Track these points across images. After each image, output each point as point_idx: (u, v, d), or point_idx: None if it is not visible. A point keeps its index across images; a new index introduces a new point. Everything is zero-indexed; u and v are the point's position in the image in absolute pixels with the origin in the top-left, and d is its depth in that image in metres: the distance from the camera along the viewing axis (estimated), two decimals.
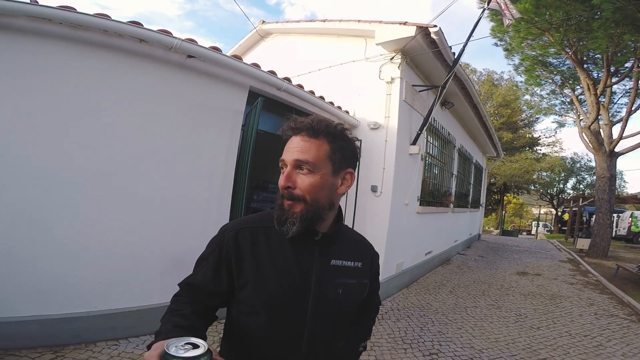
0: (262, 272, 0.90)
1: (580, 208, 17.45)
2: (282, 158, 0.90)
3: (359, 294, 1.02)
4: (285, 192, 0.88)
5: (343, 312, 0.99)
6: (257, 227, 0.96)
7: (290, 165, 0.88)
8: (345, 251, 1.00)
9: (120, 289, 2.93)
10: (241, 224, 0.97)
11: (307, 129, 0.89)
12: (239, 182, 3.65)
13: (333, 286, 0.94)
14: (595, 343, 3.79)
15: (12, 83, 2.49)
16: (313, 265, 0.93)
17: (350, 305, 1.00)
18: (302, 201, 0.87)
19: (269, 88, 3.95)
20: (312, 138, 0.89)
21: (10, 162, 2.48)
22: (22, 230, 2.53)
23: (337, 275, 0.96)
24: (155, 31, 2.93)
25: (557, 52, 10.60)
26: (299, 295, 0.90)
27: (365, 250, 1.09)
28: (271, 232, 0.94)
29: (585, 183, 30.29)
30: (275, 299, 0.89)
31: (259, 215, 1.02)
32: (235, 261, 0.91)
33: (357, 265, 1.01)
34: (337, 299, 0.95)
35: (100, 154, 2.82)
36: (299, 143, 0.88)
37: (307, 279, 0.91)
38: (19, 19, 2.46)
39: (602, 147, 10.96)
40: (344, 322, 1.03)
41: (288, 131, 0.91)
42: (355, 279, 1.00)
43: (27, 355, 2.47)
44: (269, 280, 0.89)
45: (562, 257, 11.02)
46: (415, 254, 6.15)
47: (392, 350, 3.30)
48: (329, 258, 0.96)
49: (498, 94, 24.91)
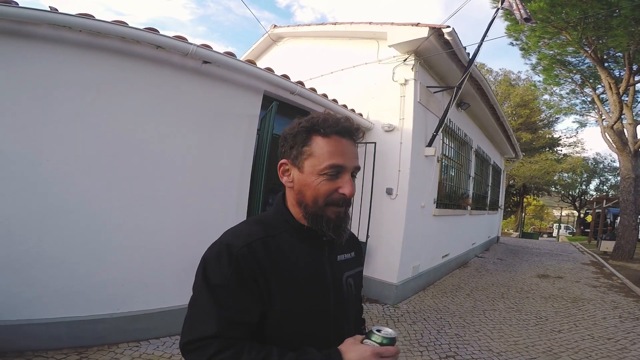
0: (287, 283, 0.84)
1: (604, 210, 16.94)
2: (341, 163, 0.83)
3: (361, 282, 1.09)
4: (348, 199, 0.85)
5: (355, 302, 1.04)
6: (265, 237, 0.87)
7: (349, 171, 0.85)
8: (343, 245, 1.01)
9: (141, 291, 3.01)
10: (247, 237, 0.85)
11: (356, 133, 0.88)
12: (255, 185, 3.70)
13: (345, 280, 0.97)
14: (619, 346, 3.68)
15: (38, 91, 2.59)
16: (326, 265, 0.93)
17: (359, 293, 1.07)
18: (349, 206, 0.89)
19: (282, 92, 4.00)
20: (356, 144, 0.89)
21: (40, 169, 2.59)
22: (51, 234, 2.63)
23: (345, 269, 0.98)
24: (171, 37, 2.99)
25: (575, 50, 10.37)
26: (322, 296, 0.90)
27: (353, 240, 1.11)
28: (279, 240, 0.88)
29: (609, 184, 29.46)
30: (303, 306, 0.86)
31: (253, 224, 0.92)
32: (261, 277, 0.81)
33: (352, 255, 1.05)
34: (350, 291, 0.98)
35: (122, 161, 2.90)
36: (352, 148, 0.87)
37: (324, 280, 0.91)
38: (41, 27, 2.55)
39: (626, 147, 10.64)
40: (357, 310, 1.09)
41: (339, 131, 0.85)
42: (355, 268, 1.04)
43: (53, 357, 2.55)
44: (295, 290, 0.85)
45: (585, 259, 10.71)
46: (432, 257, 6.09)
47: (408, 352, 3.28)
48: (336, 254, 0.97)
49: (515, 94, 24.45)
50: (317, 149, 0.84)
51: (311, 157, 0.84)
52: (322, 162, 0.83)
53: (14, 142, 2.52)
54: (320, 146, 0.84)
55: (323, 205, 0.84)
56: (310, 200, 0.85)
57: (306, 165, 0.85)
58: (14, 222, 2.52)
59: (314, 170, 0.84)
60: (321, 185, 0.83)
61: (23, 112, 2.54)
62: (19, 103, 2.53)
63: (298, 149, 0.86)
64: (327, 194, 0.83)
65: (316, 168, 0.83)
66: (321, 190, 0.83)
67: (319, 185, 0.83)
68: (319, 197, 0.84)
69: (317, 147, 0.84)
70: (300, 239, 0.91)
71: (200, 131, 3.34)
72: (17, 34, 2.50)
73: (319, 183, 0.83)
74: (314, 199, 0.85)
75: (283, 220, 0.92)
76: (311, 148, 0.84)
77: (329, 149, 0.83)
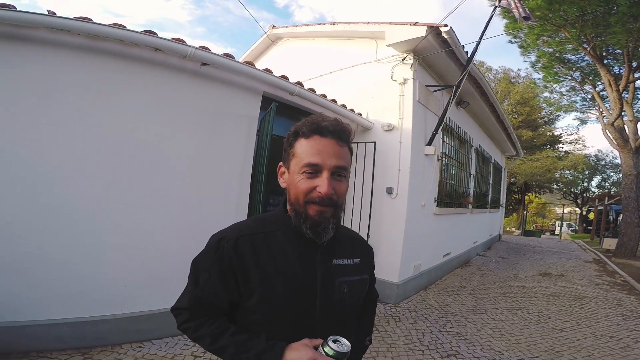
0: (269, 280, 0.88)
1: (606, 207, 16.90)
2: (316, 162, 0.86)
3: (361, 290, 1.04)
4: (327, 199, 0.86)
5: (350, 309, 1.00)
6: (255, 233, 0.93)
7: (328, 170, 0.86)
8: (344, 250, 1.01)
9: (143, 291, 3.03)
10: (239, 232, 0.93)
11: (341, 133, 0.89)
12: (256, 186, 3.72)
13: (338, 285, 0.95)
14: (621, 345, 3.67)
15: (37, 93, 2.61)
16: (317, 267, 0.93)
17: (355, 301, 1.01)
18: (335, 207, 0.89)
19: (281, 93, 4.01)
20: (344, 144, 0.91)
21: (40, 170, 2.61)
22: (53, 236, 2.65)
23: (340, 275, 0.97)
24: (169, 40, 3.00)
25: (574, 48, 10.35)
26: (307, 298, 0.91)
27: (361, 246, 1.10)
28: (269, 238, 0.93)
29: (611, 181, 29.38)
30: (284, 305, 0.89)
31: (253, 221, 1.00)
32: (239, 270, 0.88)
33: (355, 262, 1.02)
34: (343, 298, 0.96)
35: (123, 162, 2.92)
36: (334, 148, 0.88)
37: (312, 282, 0.92)
38: (39, 31, 2.57)
39: (627, 144, 10.62)
40: (352, 319, 1.04)
41: (318, 130, 0.88)
42: (356, 275, 1.01)
43: (57, 357, 2.57)
44: (276, 288, 0.88)
45: (588, 257, 10.68)
46: (433, 256, 6.09)
47: (409, 351, 3.29)
48: (331, 258, 0.97)
49: (515, 91, 24.43)
50: (298, 149, 0.90)
51: (294, 157, 0.90)
52: (301, 161, 0.88)
53: (15, 145, 2.54)
54: (301, 146, 0.89)
55: (303, 202, 0.88)
56: (294, 198, 0.90)
57: (291, 165, 0.91)
58: (17, 224, 2.54)
59: (296, 169, 0.89)
60: (300, 183, 0.88)
61: (23, 115, 2.56)
62: (18, 106, 2.56)
63: (287, 151, 0.93)
64: (306, 191, 0.87)
65: (297, 167, 0.89)
66: (300, 188, 0.88)
67: (299, 183, 0.88)
68: (299, 195, 0.88)
69: (298, 147, 0.90)
70: (292, 238, 0.94)
71: (200, 132, 3.35)
72: (15, 38, 2.52)
73: (299, 181, 0.88)
74: (295, 196, 0.90)
75: (280, 220, 0.96)
76: (295, 149, 0.91)
77: (307, 148, 0.88)
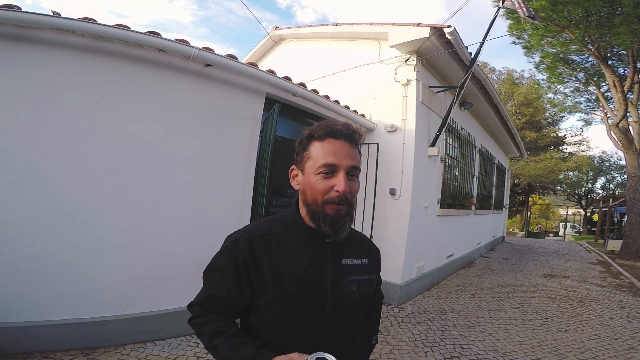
0: (281, 279, 0.92)
1: (611, 208, 16.81)
2: (332, 162, 0.90)
3: (369, 289, 1.07)
4: (343, 197, 0.89)
5: (358, 308, 1.03)
6: (269, 234, 0.97)
7: (344, 169, 0.90)
8: (353, 250, 1.05)
9: (147, 293, 3.04)
10: (252, 232, 0.97)
11: (352, 136, 0.95)
12: (259, 187, 3.72)
13: (347, 284, 0.98)
14: (626, 346, 3.65)
15: (42, 94, 2.62)
16: (327, 266, 0.96)
17: (364, 300, 1.04)
18: (349, 205, 0.92)
19: (284, 94, 4.02)
20: (355, 146, 0.96)
21: (46, 172, 2.62)
22: (58, 237, 2.67)
23: (349, 274, 1.00)
24: (173, 41, 3.01)
25: (578, 49, 10.31)
26: (318, 297, 0.93)
27: (369, 247, 1.14)
28: (282, 238, 0.97)
29: (616, 182, 29.21)
30: (296, 303, 0.92)
31: (266, 222, 1.04)
32: (253, 270, 0.92)
33: (364, 262, 1.06)
34: (352, 297, 0.98)
35: (127, 163, 2.93)
36: (349, 149, 0.93)
37: (323, 281, 0.94)
38: (44, 32, 2.58)
39: (632, 145, 10.55)
40: (359, 318, 1.06)
41: (332, 134, 0.93)
42: (364, 275, 1.05)
43: (61, 358, 2.58)
44: (288, 286, 0.91)
45: (592, 259, 10.62)
46: (436, 257, 6.07)
47: (412, 353, 3.28)
48: (340, 258, 1.00)
49: (519, 92, 24.31)
50: (313, 151, 0.93)
51: (310, 159, 0.94)
52: (317, 162, 0.91)
53: (21, 146, 2.55)
54: (316, 148, 0.93)
55: (322, 203, 0.91)
56: (311, 199, 0.93)
57: (307, 167, 0.94)
58: (22, 226, 2.55)
59: (311, 170, 0.92)
60: (317, 183, 0.91)
61: (29, 116, 2.58)
62: (24, 107, 2.57)
63: (301, 154, 0.97)
64: (324, 191, 0.90)
65: (313, 168, 0.92)
66: (318, 188, 0.91)
67: (316, 183, 0.91)
68: (317, 195, 0.91)
69: (313, 150, 0.94)
70: (303, 239, 0.97)
71: (203, 133, 3.36)
72: (20, 39, 2.54)
73: (316, 182, 0.91)
74: (313, 197, 0.92)
75: (291, 221, 1.00)
76: (309, 152, 0.94)
77: (323, 150, 0.92)
